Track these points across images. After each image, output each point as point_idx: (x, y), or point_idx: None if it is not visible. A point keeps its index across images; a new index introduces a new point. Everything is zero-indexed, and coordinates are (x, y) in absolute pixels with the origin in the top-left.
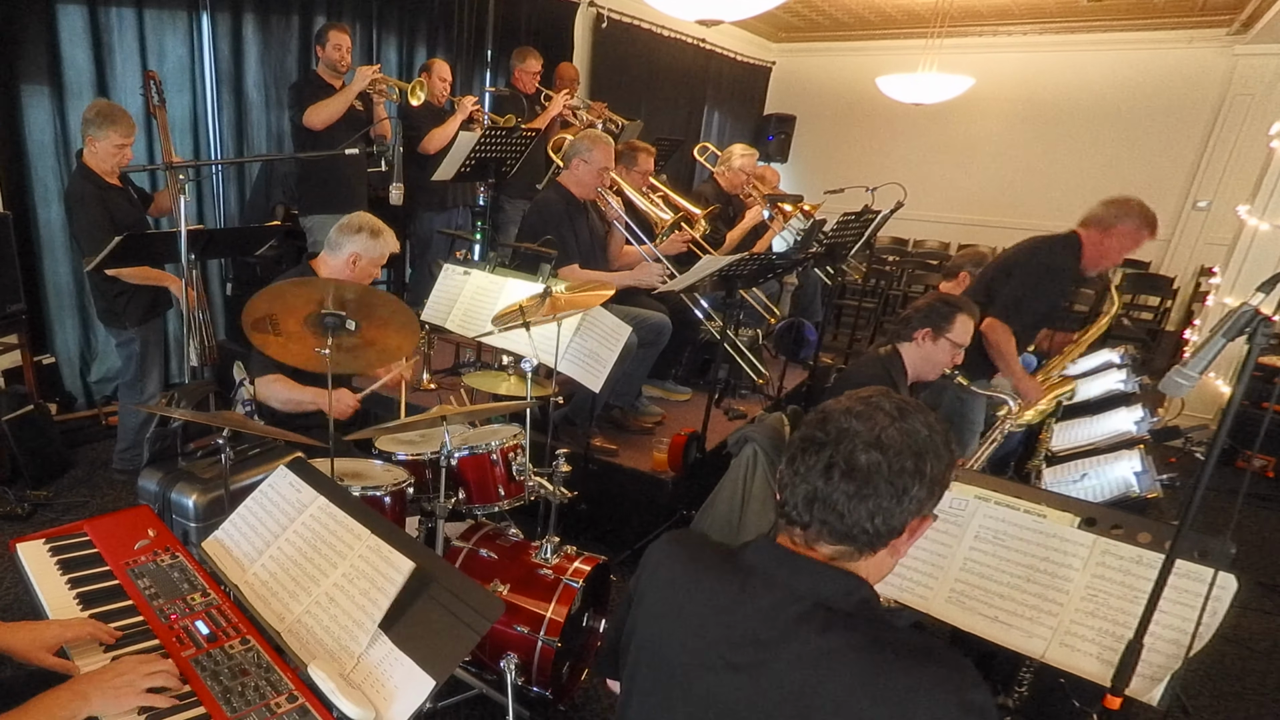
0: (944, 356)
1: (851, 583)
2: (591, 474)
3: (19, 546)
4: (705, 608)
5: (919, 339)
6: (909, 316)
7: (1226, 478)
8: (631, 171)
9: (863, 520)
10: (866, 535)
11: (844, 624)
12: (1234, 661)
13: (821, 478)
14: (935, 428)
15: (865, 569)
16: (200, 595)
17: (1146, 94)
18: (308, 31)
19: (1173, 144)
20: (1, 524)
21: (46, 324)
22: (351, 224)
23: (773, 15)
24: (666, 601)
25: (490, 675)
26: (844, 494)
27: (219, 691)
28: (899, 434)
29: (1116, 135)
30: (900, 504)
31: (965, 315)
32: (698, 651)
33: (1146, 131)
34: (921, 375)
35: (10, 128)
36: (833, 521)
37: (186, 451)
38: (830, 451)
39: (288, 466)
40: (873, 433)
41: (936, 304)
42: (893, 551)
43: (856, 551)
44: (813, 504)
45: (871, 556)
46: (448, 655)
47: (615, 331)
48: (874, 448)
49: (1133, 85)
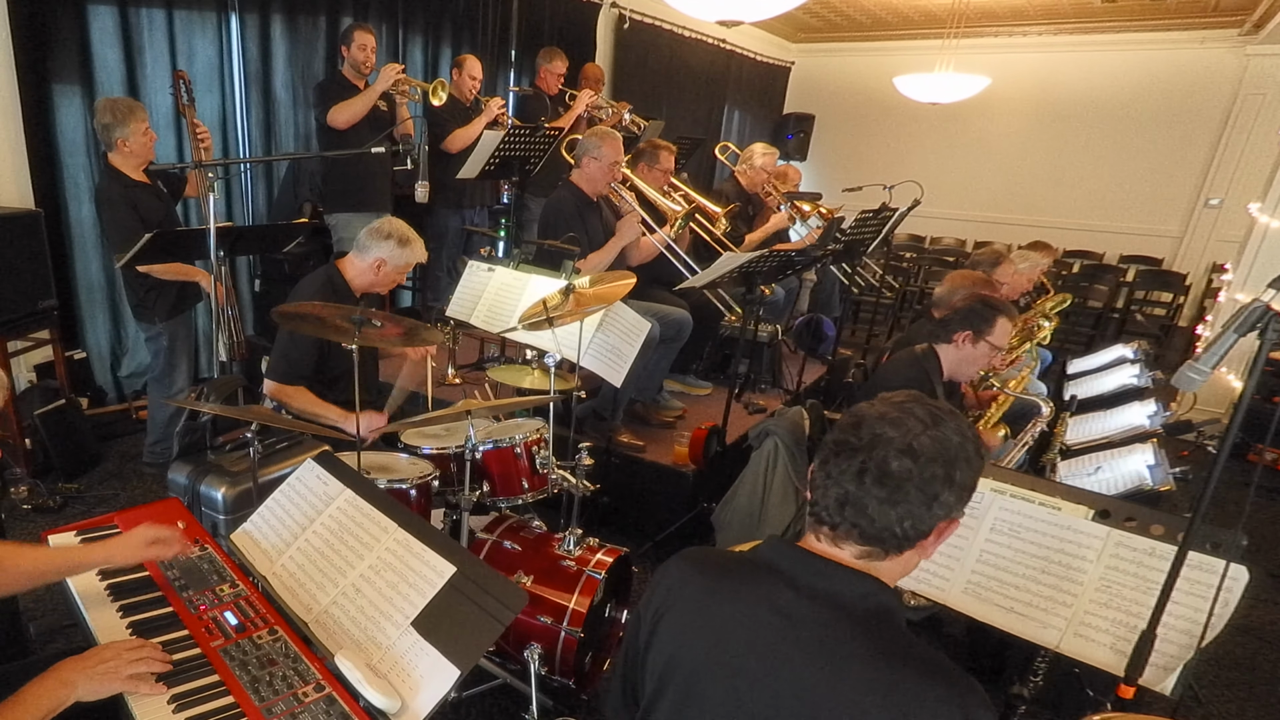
0: (982, 359)
1: (868, 585)
2: (613, 467)
3: (51, 538)
4: (724, 614)
5: (959, 341)
6: (948, 318)
7: (1238, 471)
8: (653, 170)
9: (892, 524)
10: (895, 539)
11: (860, 628)
12: (1246, 651)
13: (854, 482)
14: (967, 434)
15: (890, 567)
16: (229, 586)
17: (1159, 93)
18: (334, 32)
19: (1185, 142)
20: (34, 516)
21: (78, 320)
22: (381, 230)
23: (792, 16)
24: (688, 615)
25: (514, 665)
26: (875, 499)
27: (247, 681)
28: (931, 441)
29: (1130, 134)
30: (930, 509)
31: (1005, 318)
32: (718, 658)
33: (1159, 130)
34: (957, 376)
35: (42, 126)
36: (863, 524)
37: (215, 445)
38: (863, 457)
39: (315, 460)
40: (905, 440)
41: (977, 306)
42: (920, 552)
43: (882, 552)
44: (844, 506)
45: (897, 557)
46: (473, 645)
47: (637, 327)
48: (906, 455)
49: (1146, 85)
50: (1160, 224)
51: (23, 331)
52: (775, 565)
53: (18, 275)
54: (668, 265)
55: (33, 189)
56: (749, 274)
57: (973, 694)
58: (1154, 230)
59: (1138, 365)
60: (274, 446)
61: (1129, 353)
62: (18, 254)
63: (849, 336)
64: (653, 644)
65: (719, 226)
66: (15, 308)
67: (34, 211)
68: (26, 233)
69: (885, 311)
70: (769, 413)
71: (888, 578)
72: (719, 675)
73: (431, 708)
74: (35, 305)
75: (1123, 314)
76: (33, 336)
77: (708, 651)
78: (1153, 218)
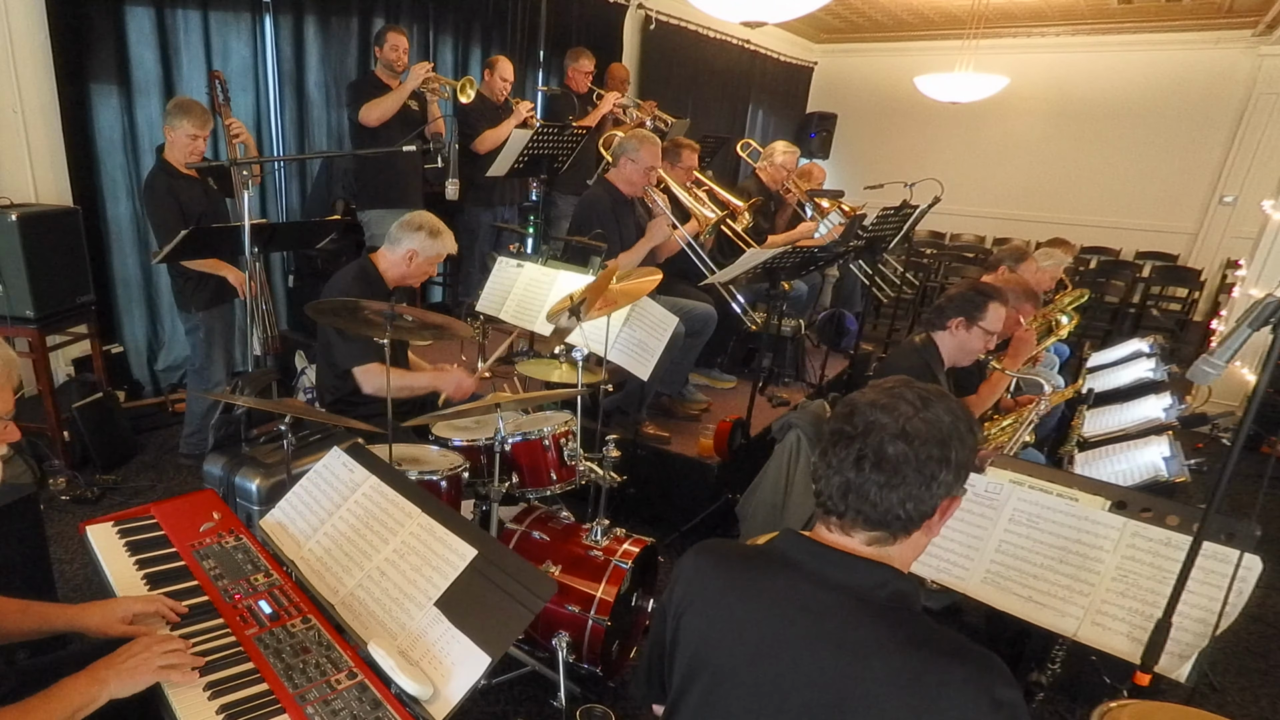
0: (978, 344)
1: (884, 575)
2: (640, 459)
3: (89, 529)
4: (745, 609)
5: (953, 328)
6: (942, 306)
7: (1252, 463)
8: (676, 167)
9: (895, 507)
10: (900, 521)
11: (881, 617)
12: (1259, 639)
13: (853, 469)
14: (958, 414)
15: (901, 551)
16: (263, 576)
17: (1174, 93)
18: (366, 33)
19: (1200, 141)
20: (72, 507)
21: (115, 314)
22: (413, 222)
23: (814, 17)
24: (709, 611)
25: (542, 653)
26: (875, 484)
27: (281, 669)
28: (923, 424)
29: (1145, 132)
30: (930, 489)
31: (997, 303)
32: (742, 653)
33: (1174, 129)
34: (957, 362)
35: (80, 125)
36: (867, 510)
37: (250, 437)
38: (860, 444)
39: (341, 449)
40: (898, 424)
41: (969, 293)
42: (926, 531)
43: (891, 536)
44: (847, 494)
45: (906, 539)
46: (503, 633)
47: (663, 322)
48: (900, 439)
49: (1161, 84)
50: (1175, 221)
51: (62, 326)
52: (792, 558)
53: (57, 271)
54: (694, 261)
55: (71, 187)
56: (772, 270)
57: (995, 672)
58: (1169, 227)
59: (1153, 359)
60: (307, 439)
61: (1145, 347)
62: (57, 250)
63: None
64: (678, 639)
65: (741, 221)
66: (55, 302)
67: (72, 209)
68: (65, 229)
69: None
70: (792, 406)
71: (900, 563)
72: (744, 670)
73: (463, 695)
74: (74, 300)
75: (1139, 309)
76: (71, 331)
77: (731, 647)
78: (1168, 215)
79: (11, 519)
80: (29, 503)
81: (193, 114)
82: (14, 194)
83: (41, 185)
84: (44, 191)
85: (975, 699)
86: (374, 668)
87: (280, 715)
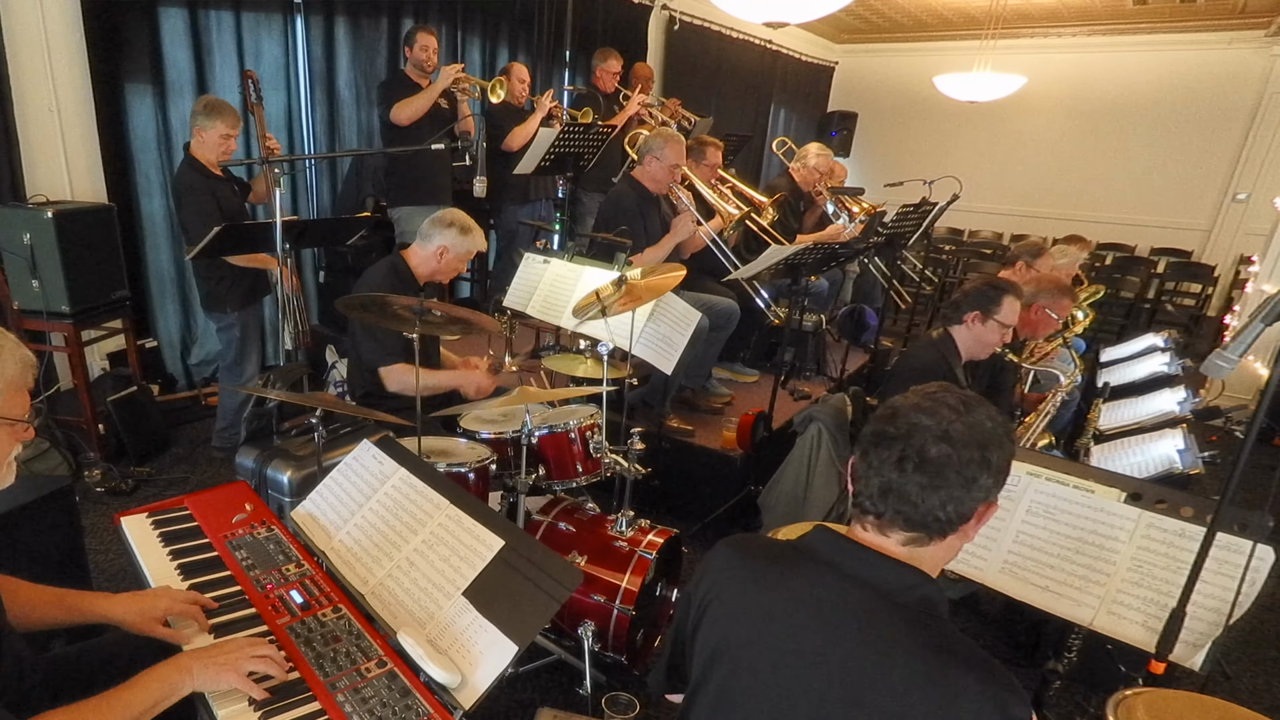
0: (993, 337)
1: (915, 578)
2: (664, 451)
3: (123, 520)
4: (770, 602)
5: (969, 321)
6: (958, 300)
7: (1265, 455)
8: (700, 164)
9: (935, 509)
10: (939, 523)
11: (906, 619)
12: (1272, 629)
13: (895, 470)
14: (997, 420)
15: (933, 554)
16: (294, 566)
17: (1188, 92)
18: (396, 33)
19: (1213, 139)
20: (107, 499)
21: (149, 310)
22: (444, 219)
23: (835, 18)
24: (735, 602)
25: (568, 642)
26: (917, 485)
27: (312, 657)
28: (965, 427)
29: (1160, 131)
30: (970, 492)
31: (1011, 297)
32: (764, 644)
33: (1189, 128)
34: (973, 355)
35: (115, 124)
36: (907, 511)
37: (281, 430)
38: (902, 445)
39: (371, 442)
40: (941, 427)
41: (984, 287)
42: (961, 536)
43: (927, 537)
44: (887, 495)
45: (941, 541)
46: (530, 622)
47: (686, 316)
48: (944, 440)
49: (1175, 84)
50: (1189, 218)
51: (97, 321)
52: (822, 554)
53: (92, 267)
54: (717, 257)
55: (106, 184)
56: (794, 266)
57: (1012, 691)
58: (1183, 224)
59: (1168, 353)
60: (337, 432)
61: (1159, 341)
62: (92, 247)
63: (891, 326)
64: (700, 629)
65: (765, 216)
66: (90, 298)
67: (107, 206)
68: (100, 226)
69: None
70: (813, 399)
71: (931, 565)
72: (764, 661)
73: (490, 682)
74: (109, 295)
75: (1153, 304)
76: (106, 326)
77: (753, 638)
78: (1182, 212)
79: (47, 510)
80: (65, 494)
81: (225, 114)
82: (50, 191)
83: (77, 183)
84: (79, 189)
85: (990, 713)
86: (403, 656)
87: (311, 703)
